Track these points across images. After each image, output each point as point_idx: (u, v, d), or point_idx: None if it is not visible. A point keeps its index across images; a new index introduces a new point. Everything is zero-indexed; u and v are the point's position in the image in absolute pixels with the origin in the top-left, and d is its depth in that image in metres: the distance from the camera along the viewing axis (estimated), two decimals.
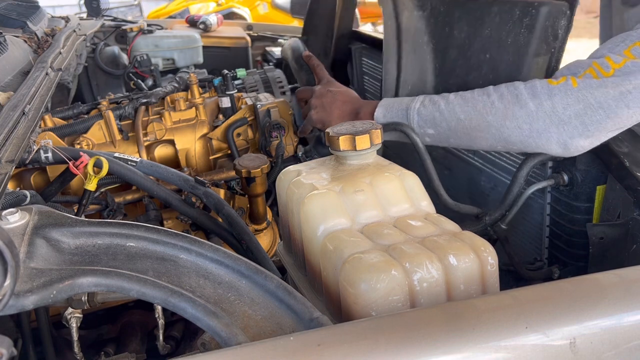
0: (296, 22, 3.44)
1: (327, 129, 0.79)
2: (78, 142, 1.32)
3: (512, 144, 0.99)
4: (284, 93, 1.91)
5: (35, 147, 1.01)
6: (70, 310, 0.91)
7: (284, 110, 1.46)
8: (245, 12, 6.53)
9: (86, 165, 0.99)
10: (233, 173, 1.33)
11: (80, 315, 0.92)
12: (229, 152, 1.46)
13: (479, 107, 1.00)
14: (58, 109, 1.44)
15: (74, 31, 1.87)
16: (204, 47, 2.58)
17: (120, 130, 1.38)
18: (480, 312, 0.52)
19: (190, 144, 1.45)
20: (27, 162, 1.01)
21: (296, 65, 1.86)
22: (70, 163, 0.99)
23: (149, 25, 2.55)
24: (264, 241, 1.26)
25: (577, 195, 1.04)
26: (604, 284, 0.58)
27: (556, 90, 0.92)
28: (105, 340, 1.18)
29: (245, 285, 0.60)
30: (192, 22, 2.78)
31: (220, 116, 1.50)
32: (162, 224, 1.21)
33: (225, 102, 1.49)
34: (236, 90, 1.52)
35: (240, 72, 1.71)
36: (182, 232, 0.80)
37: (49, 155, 1.02)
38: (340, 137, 0.76)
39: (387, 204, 0.72)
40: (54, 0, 7.59)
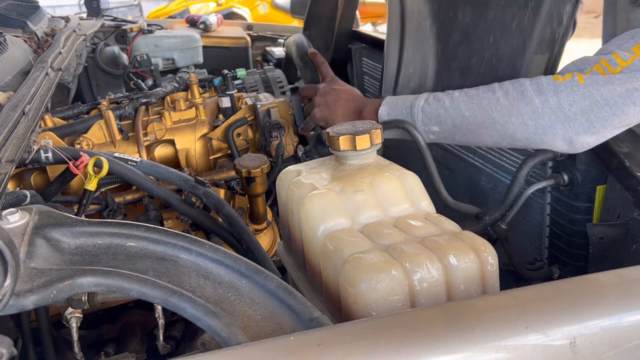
0: (296, 22, 3.44)
1: (327, 129, 0.79)
2: (78, 142, 1.32)
3: (517, 141, 0.98)
4: (284, 93, 1.91)
5: (35, 147, 1.01)
6: (70, 310, 0.91)
7: (284, 110, 1.46)
8: (245, 12, 6.52)
9: (86, 165, 0.99)
10: (233, 173, 1.33)
11: (80, 315, 0.92)
12: (229, 152, 1.46)
13: (484, 104, 0.99)
14: (58, 109, 1.44)
15: (74, 31, 1.86)
16: (204, 47, 2.58)
17: (121, 130, 1.38)
18: (480, 312, 0.52)
19: (190, 144, 1.45)
20: (27, 162, 1.01)
21: (301, 62, 1.84)
22: (70, 163, 0.99)
23: (149, 25, 2.55)
24: (264, 241, 1.26)
25: (577, 195, 1.04)
26: (604, 284, 0.58)
27: (562, 86, 0.92)
28: (105, 340, 1.18)
29: (246, 285, 0.60)
30: (192, 22, 2.78)
31: (221, 116, 1.50)
32: (162, 224, 1.21)
33: (225, 102, 1.49)
34: (236, 90, 1.52)
35: (240, 72, 1.70)
36: (182, 232, 0.80)
37: (49, 155, 1.02)
38: (340, 137, 0.76)
39: (387, 203, 0.72)
40: (54, 0, 7.58)
